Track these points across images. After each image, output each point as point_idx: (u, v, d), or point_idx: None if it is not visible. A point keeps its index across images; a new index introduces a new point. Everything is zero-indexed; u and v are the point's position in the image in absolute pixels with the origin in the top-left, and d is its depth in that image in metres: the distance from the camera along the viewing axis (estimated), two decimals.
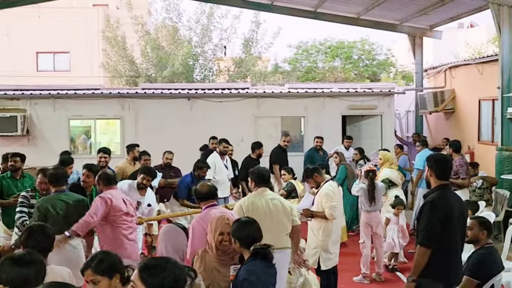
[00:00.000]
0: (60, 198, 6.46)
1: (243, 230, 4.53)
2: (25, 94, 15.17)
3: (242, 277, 4.22)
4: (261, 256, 4.35)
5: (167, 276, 2.92)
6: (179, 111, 15.26)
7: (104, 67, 27.89)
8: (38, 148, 14.24)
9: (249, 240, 4.45)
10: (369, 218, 8.83)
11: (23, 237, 4.40)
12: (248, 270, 4.24)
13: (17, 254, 3.43)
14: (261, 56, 28.63)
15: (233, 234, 4.49)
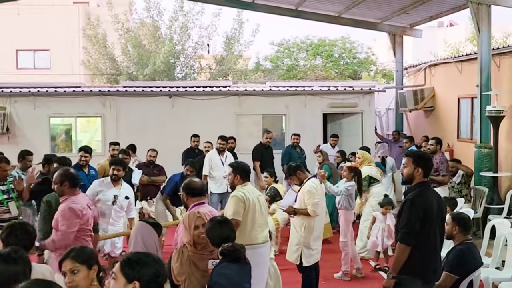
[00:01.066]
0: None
1: (215, 229, 4.54)
2: (4, 92, 15.01)
3: (213, 280, 4.24)
4: (232, 258, 4.36)
5: (147, 270, 2.95)
6: (160, 109, 15.22)
7: (84, 65, 27.72)
8: (18, 146, 13.96)
9: (219, 241, 4.45)
10: (350, 215, 8.92)
11: (4, 234, 4.38)
12: (219, 273, 4.24)
13: (3, 251, 3.42)
14: (242, 54, 28.64)
15: (206, 232, 4.50)
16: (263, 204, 6.20)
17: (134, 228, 4.75)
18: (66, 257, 3.66)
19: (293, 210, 7.34)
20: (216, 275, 4.20)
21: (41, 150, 13.88)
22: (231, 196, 6.07)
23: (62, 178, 5.93)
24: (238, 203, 5.87)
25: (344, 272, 8.80)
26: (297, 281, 7.30)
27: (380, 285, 7.00)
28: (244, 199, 5.88)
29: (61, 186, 5.92)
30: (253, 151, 12.84)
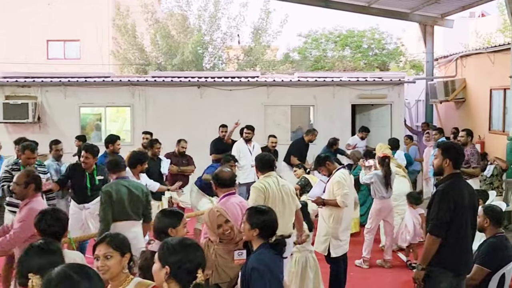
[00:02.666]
0: (123, 184, 6.50)
1: (266, 218, 4.39)
2: (36, 82, 15.22)
3: (251, 266, 4.16)
4: (272, 246, 4.33)
5: (175, 257, 3.06)
6: (189, 99, 15.28)
7: (114, 55, 27.91)
8: (49, 135, 14.19)
9: (271, 230, 4.39)
10: (382, 205, 8.87)
11: (36, 219, 4.43)
12: (258, 259, 4.18)
13: (39, 243, 3.44)
14: (269, 45, 28.56)
15: (255, 221, 4.35)
16: (286, 194, 6.16)
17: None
18: (101, 241, 3.71)
19: (322, 201, 7.31)
20: (254, 261, 4.18)
21: (71, 139, 14.08)
22: (252, 187, 6.17)
23: (28, 180, 5.68)
24: (258, 193, 5.90)
25: (364, 259, 8.81)
26: (325, 272, 7.28)
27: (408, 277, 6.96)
28: (264, 190, 5.91)
29: (25, 189, 5.67)
30: (294, 146, 12.71)
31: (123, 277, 3.60)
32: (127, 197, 6.40)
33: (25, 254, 3.25)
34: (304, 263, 6.86)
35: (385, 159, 8.92)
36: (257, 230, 4.28)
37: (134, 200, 6.48)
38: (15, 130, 14.73)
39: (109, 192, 6.35)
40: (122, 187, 6.44)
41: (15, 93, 15.11)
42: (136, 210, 6.47)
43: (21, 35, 28.06)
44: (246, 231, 4.35)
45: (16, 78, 15.45)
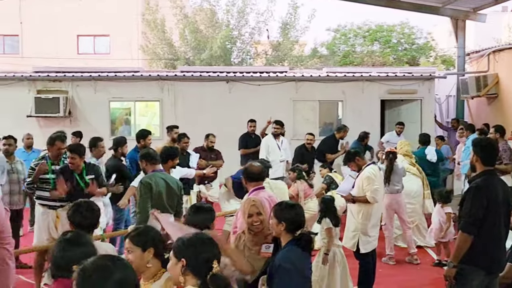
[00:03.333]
0: (161, 177, 6.53)
1: (292, 212, 4.38)
2: (67, 76, 15.42)
3: (278, 263, 4.14)
4: (299, 243, 4.29)
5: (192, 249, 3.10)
6: (217, 94, 15.33)
7: (143, 50, 28.11)
8: (80, 129, 14.30)
9: (298, 225, 4.38)
10: (390, 199, 8.79)
11: (70, 211, 4.46)
12: (285, 257, 4.16)
13: (72, 235, 3.45)
14: (298, 40, 28.47)
15: (282, 215, 4.33)
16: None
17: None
18: (127, 235, 3.76)
19: (352, 198, 7.27)
20: (281, 259, 4.16)
21: (101, 133, 14.21)
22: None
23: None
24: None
25: (388, 256, 8.76)
26: (353, 267, 7.23)
27: (439, 274, 6.88)
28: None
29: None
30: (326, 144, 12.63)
31: (153, 270, 3.61)
32: (165, 189, 6.45)
33: (59, 247, 3.26)
34: (331, 258, 6.82)
35: (389, 154, 8.83)
36: (284, 224, 4.27)
37: (171, 194, 6.53)
38: (47, 124, 14.95)
39: (149, 184, 6.39)
40: (161, 180, 6.48)
41: (46, 88, 15.32)
42: (171, 204, 6.52)
43: (52, 30, 28.42)
44: (274, 226, 4.34)
45: (47, 72, 15.68)
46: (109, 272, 2.37)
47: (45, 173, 7.14)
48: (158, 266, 3.62)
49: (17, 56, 28.95)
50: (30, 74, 15.66)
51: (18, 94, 15.12)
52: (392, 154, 8.85)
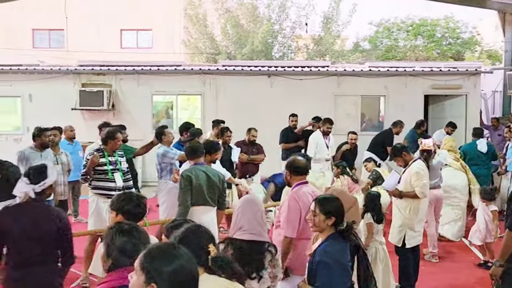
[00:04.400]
0: (201, 170, 6.59)
1: (338, 204, 4.36)
2: (111, 70, 15.63)
3: (318, 259, 4.13)
4: (341, 234, 4.28)
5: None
6: (259, 88, 15.32)
7: (185, 44, 28.31)
8: (123, 122, 14.41)
9: (343, 217, 4.32)
10: (430, 195, 8.68)
11: (125, 200, 4.48)
12: (326, 252, 4.14)
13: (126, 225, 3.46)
14: (339, 34, 28.26)
15: (331, 209, 4.29)
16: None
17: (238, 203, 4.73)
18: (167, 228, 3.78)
19: (399, 193, 7.19)
20: (322, 254, 4.14)
21: (144, 126, 14.45)
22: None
23: None
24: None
25: (431, 254, 8.66)
26: (396, 264, 7.16)
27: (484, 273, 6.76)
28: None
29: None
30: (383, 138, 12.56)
31: None
32: (205, 182, 6.48)
33: (115, 236, 3.26)
34: (373, 254, 6.76)
35: (424, 153, 8.69)
36: (333, 218, 4.25)
37: (212, 186, 6.55)
38: (91, 117, 15.20)
39: (189, 177, 6.44)
40: (201, 173, 6.52)
41: (90, 81, 15.57)
42: (212, 196, 6.55)
43: (96, 24, 28.88)
44: (321, 221, 4.27)
45: (92, 66, 15.92)
46: (173, 256, 2.42)
47: (102, 164, 7.34)
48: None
49: (63, 50, 29.50)
50: (75, 67, 15.94)
51: (64, 88, 15.41)
52: (427, 152, 8.72)
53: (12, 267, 4.60)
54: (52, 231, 4.63)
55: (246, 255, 4.09)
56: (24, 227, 4.54)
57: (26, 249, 4.54)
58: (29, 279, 4.56)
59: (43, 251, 4.60)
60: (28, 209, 4.61)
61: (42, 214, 4.66)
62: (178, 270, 2.39)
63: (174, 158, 8.31)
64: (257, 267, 4.11)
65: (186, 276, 2.42)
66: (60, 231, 4.69)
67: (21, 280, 4.56)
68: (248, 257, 4.09)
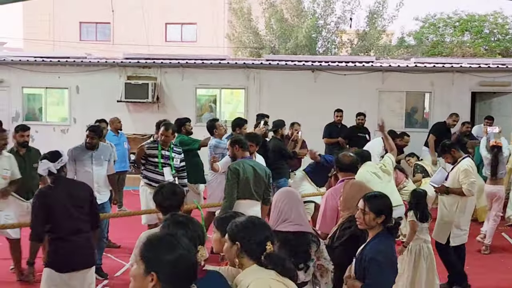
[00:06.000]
0: (249, 164, 6.65)
1: (387, 202, 4.29)
2: (156, 63, 15.79)
3: (370, 256, 4.09)
4: (390, 231, 4.24)
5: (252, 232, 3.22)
6: (302, 83, 15.26)
7: (229, 38, 28.39)
8: (167, 115, 14.66)
9: (391, 216, 4.27)
10: (490, 188, 8.55)
11: (154, 192, 4.59)
12: (378, 250, 4.11)
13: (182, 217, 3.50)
14: (385, 29, 27.92)
15: (381, 208, 4.23)
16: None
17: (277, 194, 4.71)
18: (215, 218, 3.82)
19: (446, 189, 7.08)
20: (374, 251, 4.10)
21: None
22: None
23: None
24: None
25: (485, 245, 8.65)
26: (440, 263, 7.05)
27: None
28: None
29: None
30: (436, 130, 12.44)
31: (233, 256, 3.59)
32: (252, 176, 6.51)
33: (170, 228, 3.25)
34: (417, 252, 6.66)
35: (494, 149, 8.54)
36: (383, 217, 4.20)
37: (258, 181, 6.58)
38: (135, 109, 15.41)
39: (236, 170, 6.48)
40: (249, 167, 6.56)
41: (136, 74, 15.76)
42: (258, 191, 6.58)
43: (141, 18, 29.23)
44: (371, 220, 4.22)
45: (137, 59, 16.11)
46: (172, 247, 2.44)
47: (154, 156, 7.59)
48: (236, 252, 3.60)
49: (108, 43, 30.01)
50: (121, 60, 16.15)
51: (110, 80, 15.64)
52: (497, 148, 8.62)
53: (55, 239, 5.08)
54: (87, 198, 5.29)
55: (293, 246, 4.08)
56: (64, 201, 5.08)
57: (67, 221, 5.07)
58: (71, 248, 5.05)
59: (81, 221, 5.16)
60: (60, 185, 5.16)
61: (74, 185, 5.38)
62: (178, 259, 2.41)
63: (226, 148, 8.38)
64: (304, 258, 4.11)
65: (186, 266, 2.44)
66: (91, 197, 5.38)
67: (64, 250, 5.05)
68: (295, 248, 4.08)
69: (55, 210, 5.05)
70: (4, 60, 16.21)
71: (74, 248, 5.07)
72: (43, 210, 5.04)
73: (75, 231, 5.11)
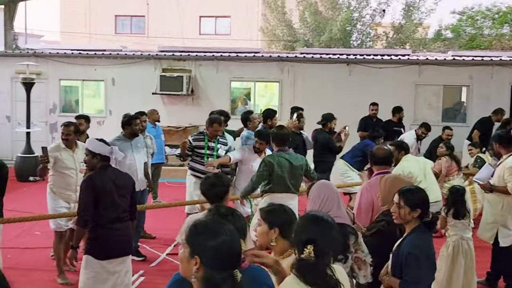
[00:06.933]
0: (284, 157, 6.64)
1: (423, 196, 4.21)
2: (190, 56, 15.83)
3: (408, 251, 4.03)
4: (427, 226, 4.16)
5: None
6: (337, 76, 15.14)
7: (262, 32, 28.35)
8: (201, 108, 14.81)
9: (428, 210, 4.19)
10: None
11: (201, 182, 4.68)
12: (415, 244, 4.05)
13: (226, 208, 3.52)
14: (421, 22, 27.53)
15: (416, 202, 4.16)
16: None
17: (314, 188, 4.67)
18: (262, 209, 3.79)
19: (490, 187, 6.90)
20: (411, 246, 4.04)
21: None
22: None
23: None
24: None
25: None
26: (484, 260, 6.89)
27: None
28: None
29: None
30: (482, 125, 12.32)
31: (281, 248, 3.54)
32: (287, 169, 6.49)
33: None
34: (456, 249, 6.53)
35: None
36: (418, 211, 4.13)
37: (294, 173, 6.56)
38: (170, 102, 15.49)
39: (271, 164, 6.47)
40: (284, 160, 6.54)
41: (171, 66, 15.83)
42: (295, 183, 6.56)
43: (176, 11, 29.36)
44: (406, 214, 4.15)
45: (172, 52, 16.18)
46: (216, 233, 2.48)
47: (200, 147, 7.72)
48: (285, 246, 3.57)
49: (143, 36, 30.23)
50: (156, 53, 16.25)
51: (145, 72, 15.73)
52: None
53: (96, 227, 5.19)
54: (129, 188, 5.40)
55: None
56: (110, 189, 5.18)
57: (110, 209, 5.19)
58: (110, 236, 5.18)
59: (121, 210, 5.27)
60: (107, 174, 5.26)
61: (119, 175, 5.41)
62: (221, 245, 2.43)
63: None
64: (343, 250, 4.06)
65: (228, 252, 2.45)
66: (133, 188, 5.51)
67: (104, 237, 5.18)
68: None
69: (101, 197, 5.14)
70: (42, 53, 16.46)
71: (113, 236, 5.18)
72: (90, 197, 5.13)
73: (116, 220, 5.21)
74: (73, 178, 6.97)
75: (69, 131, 7.03)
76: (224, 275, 2.37)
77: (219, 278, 2.36)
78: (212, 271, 2.39)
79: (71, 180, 6.98)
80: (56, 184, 7.05)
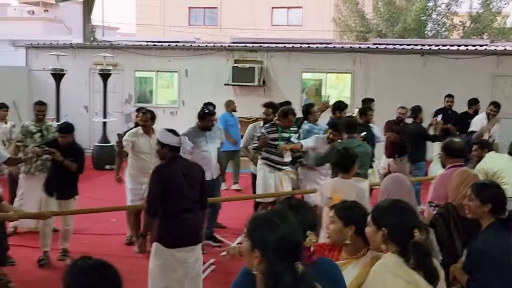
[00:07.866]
0: (355, 144, 6.71)
1: (496, 191, 4.07)
2: (262, 47, 15.92)
3: (481, 248, 3.90)
4: (504, 223, 4.00)
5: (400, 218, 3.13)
6: (411, 67, 14.83)
7: (334, 22, 28.11)
8: (273, 99, 14.59)
9: (503, 205, 4.04)
10: None
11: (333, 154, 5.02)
12: (490, 242, 3.89)
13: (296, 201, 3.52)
14: (500, 11, 26.54)
15: (487, 195, 4.02)
16: None
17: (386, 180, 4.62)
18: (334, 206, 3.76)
19: None
20: (486, 244, 3.91)
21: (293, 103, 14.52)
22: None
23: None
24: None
25: None
26: None
27: None
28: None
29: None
30: None
31: (356, 247, 3.47)
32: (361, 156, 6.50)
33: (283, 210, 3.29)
34: None
35: None
36: (489, 205, 3.99)
37: (362, 161, 6.53)
38: (242, 93, 15.64)
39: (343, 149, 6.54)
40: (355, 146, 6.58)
41: (243, 58, 15.96)
42: (364, 171, 6.55)
43: (248, 2, 29.49)
44: (476, 207, 4.04)
45: (244, 43, 16.33)
46: (275, 227, 2.46)
47: (274, 139, 7.79)
48: (361, 244, 3.52)
49: (216, 28, 30.59)
50: (229, 44, 16.42)
51: (217, 63, 15.94)
52: None
53: (168, 217, 5.26)
54: (199, 179, 5.43)
55: None
56: (179, 179, 5.23)
57: (178, 199, 5.23)
58: (179, 226, 5.22)
59: (190, 201, 5.31)
60: (176, 164, 5.30)
61: (188, 165, 5.45)
62: (281, 239, 2.43)
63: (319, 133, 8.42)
64: None
65: (288, 245, 2.44)
66: (203, 178, 5.51)
67: (173, 227, 5.23)
68: None
69: (170, 188, 5.20)
70: (118, 44, 16.98)
71: (181, 225, 5.23)
72: (159, 187, 5.21)
73: (185, 210, 5.24)
74: (147, 162, 7.42)
75: (147, 118, 7.62)
76: (285, 267, 2.37)
77: (280, 270, 2.36)
78: (273, 263, 2.40)
79: (145, 164, 7.46)
80: (132, 167, 7.68)
